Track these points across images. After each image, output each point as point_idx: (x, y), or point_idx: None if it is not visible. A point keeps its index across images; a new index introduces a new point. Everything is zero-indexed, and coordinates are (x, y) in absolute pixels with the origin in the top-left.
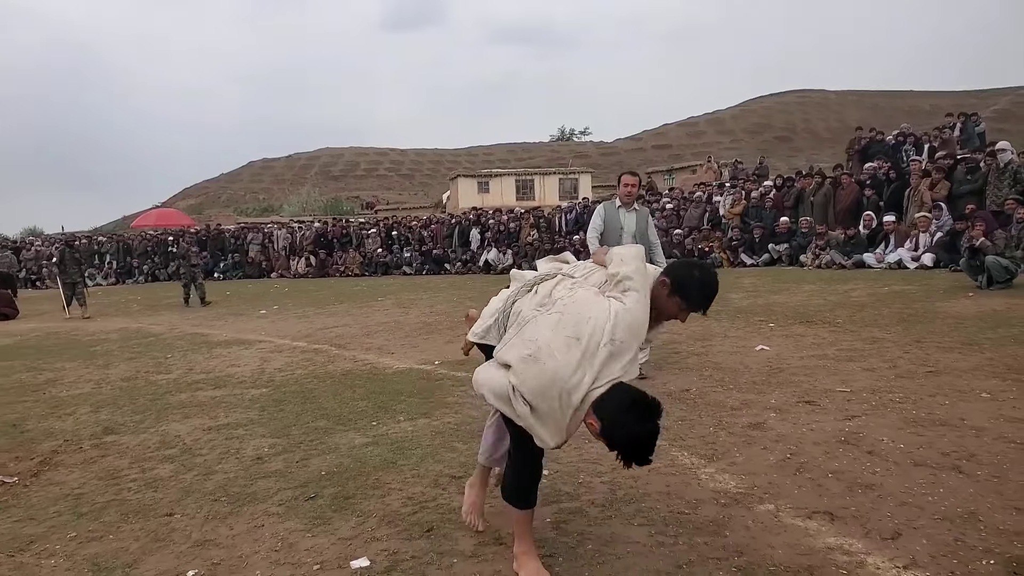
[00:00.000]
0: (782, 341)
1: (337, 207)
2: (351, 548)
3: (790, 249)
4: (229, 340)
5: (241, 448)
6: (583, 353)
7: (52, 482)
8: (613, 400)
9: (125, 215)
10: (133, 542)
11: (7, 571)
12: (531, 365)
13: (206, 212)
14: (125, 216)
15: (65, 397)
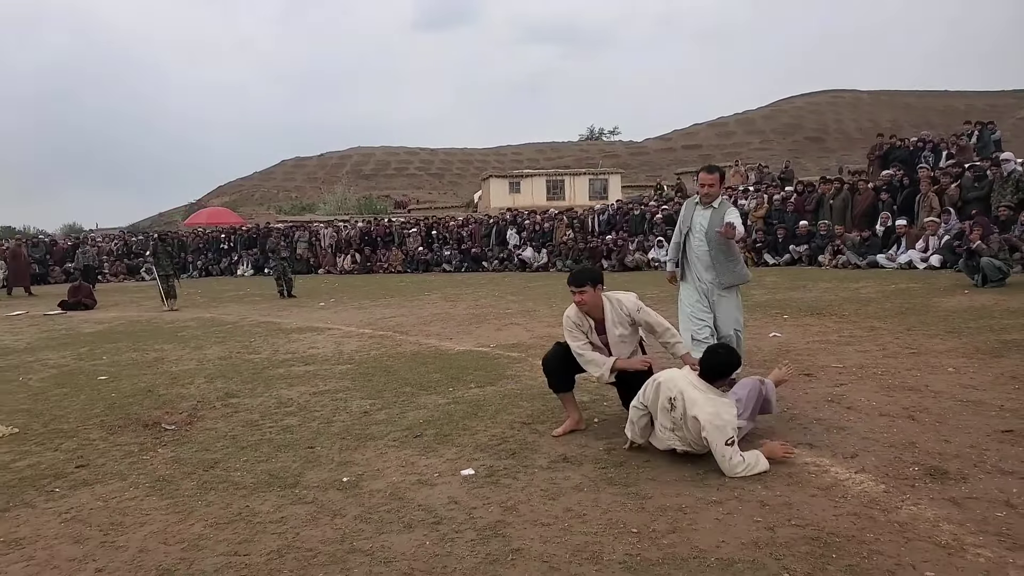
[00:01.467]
0: (792, 329)
1: (370, 206)
2: (457, 464)
3: (809, 250)
4: (301, 328)
5: (348, 406)
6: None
7: (206, 428)
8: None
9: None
10: (292, 463)
11: (208, 478)
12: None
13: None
14: (160, 213)
15: (178, 371)
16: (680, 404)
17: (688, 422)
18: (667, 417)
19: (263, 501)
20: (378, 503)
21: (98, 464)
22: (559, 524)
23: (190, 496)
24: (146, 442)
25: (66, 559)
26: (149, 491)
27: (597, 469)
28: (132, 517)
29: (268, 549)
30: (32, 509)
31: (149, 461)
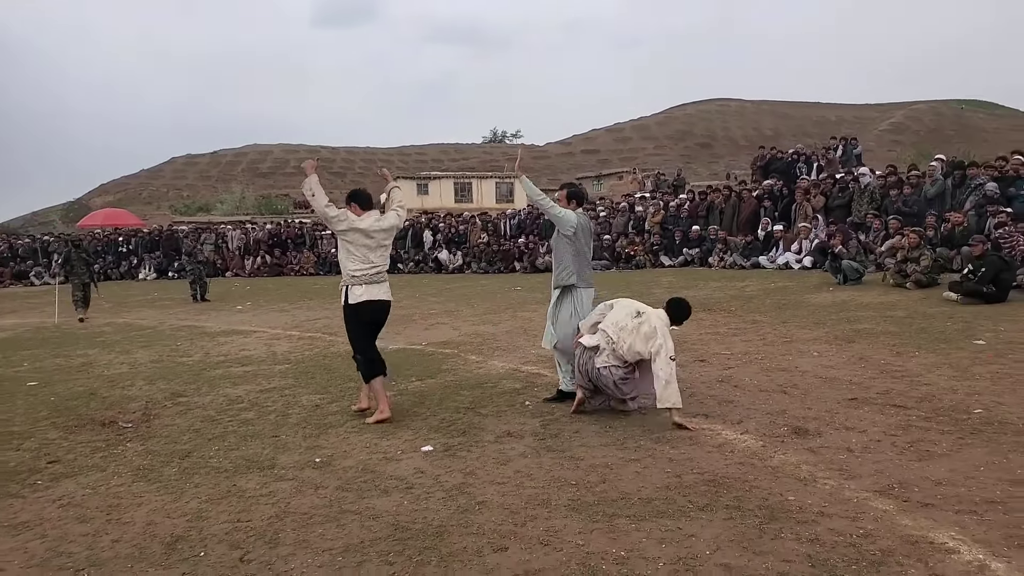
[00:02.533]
0: (687, 324)
1: (270, 206)
2: (415, 443)
3: (700, 252)
4: (226, 331)
5: (298, 401)
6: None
7: (165, 425)
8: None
9: (34, 211)
10: (263, 450)
11: (187, 465)
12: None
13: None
14: (34, 212)
15: (112, 375)
16: (645, 317)
17: (642, 328)
18: (623, 330)
19: (247, 480)
20: (353, 476)
21: (69, 459)
22: (512, 482)
23: (176, 480)
24: (110, 439)
25: (79, 535)
26: (133, 478)
27: (536, 440)
28: (126, 500)
29: (266, 515)
30: (23, 499)
31: (121, 454)
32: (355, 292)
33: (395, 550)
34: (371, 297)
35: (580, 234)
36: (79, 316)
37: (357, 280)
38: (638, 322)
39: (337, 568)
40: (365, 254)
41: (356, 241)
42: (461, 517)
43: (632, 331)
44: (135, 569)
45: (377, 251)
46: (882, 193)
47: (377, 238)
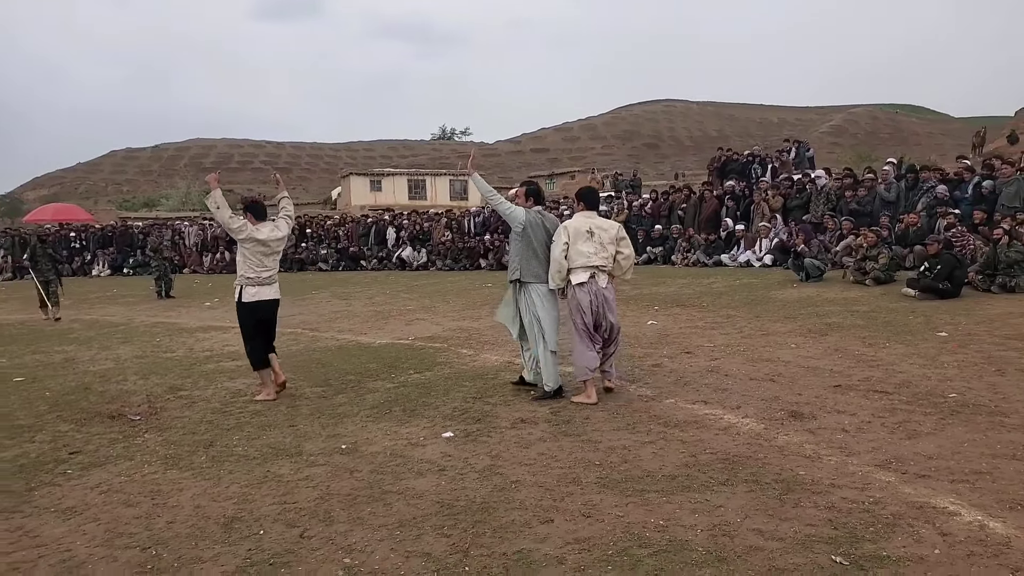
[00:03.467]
0: (665, 318)
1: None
2: (434, 430)
3: (664, 251)
4: (202, 327)
5: (303, 392)
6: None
7: (175, 417)
8: None
9: None
10: (285, 438)
11: (214, 453)
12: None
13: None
14: None
15: (100, 371)
16: (596, 230)
17: (603, 237)
18: (588, 244)
19: (279, 467)
20: (384, 461)
21: (90, 450)
22: (539, 463)
23: (208, 467)
24: (124, 431)
25: (131, 517)
26: (164, 466)
27: (551, 426)
28: (166, 486)
29: (311, 497)
30: (59, 487)
31: (143, 445)
32: (248, 292)
33: (447, 524)
34: (262, 297)
35: (529, 231)
36: (46, 316)
37: (251, 282)
38: (607, 236)
39: (398, 541)
40: (261, 260)
41: (253, 249)
42: (500, 495)
43: (610, 242)
44: (200, 547)
45: (271, 257)
46: (837, 194)
47: (272, 246)
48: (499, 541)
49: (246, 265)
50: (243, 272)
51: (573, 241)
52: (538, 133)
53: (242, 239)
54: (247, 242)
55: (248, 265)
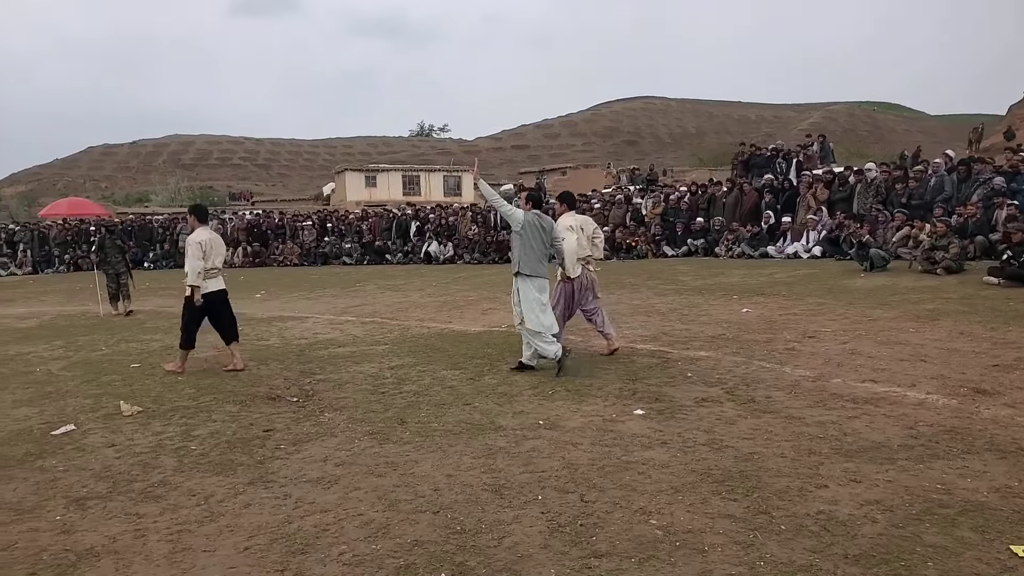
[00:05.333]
0: (754, 307)
1: (208, 197)
2: (617, 408)
3: (705, 243)
4: (273, 317)
5: (443, 376)
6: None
7: (337, 398)
8: None
9: None
10: (471, 415)
11: (414, 429)
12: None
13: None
14: None
15: (214, 356)
16: (583, 226)
17: (587, 231)
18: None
19: (493, 440)
20: (597, 435)
21: (281, 428)
22: (759, 438)
23: (421, 441)
24: (296, 411)
25: (392, 486)
26: (376, 441)
27: (738, 404)
28: (392, 458)
29: (555, 466)
30: (284, 460)
31: (331, 423)
32: (209, 284)
33: (725, 489)
34: (215, 288)
35: (527, 230)
36: (116, 310)
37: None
38: (588, 231)
39: (687, 505)
40: (213, 259)
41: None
42: (748, 464)
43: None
44: (487, 511)
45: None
46: (887, 187)
47: (217, 248)
48: (791, 504)
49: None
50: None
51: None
52: (519, 130)
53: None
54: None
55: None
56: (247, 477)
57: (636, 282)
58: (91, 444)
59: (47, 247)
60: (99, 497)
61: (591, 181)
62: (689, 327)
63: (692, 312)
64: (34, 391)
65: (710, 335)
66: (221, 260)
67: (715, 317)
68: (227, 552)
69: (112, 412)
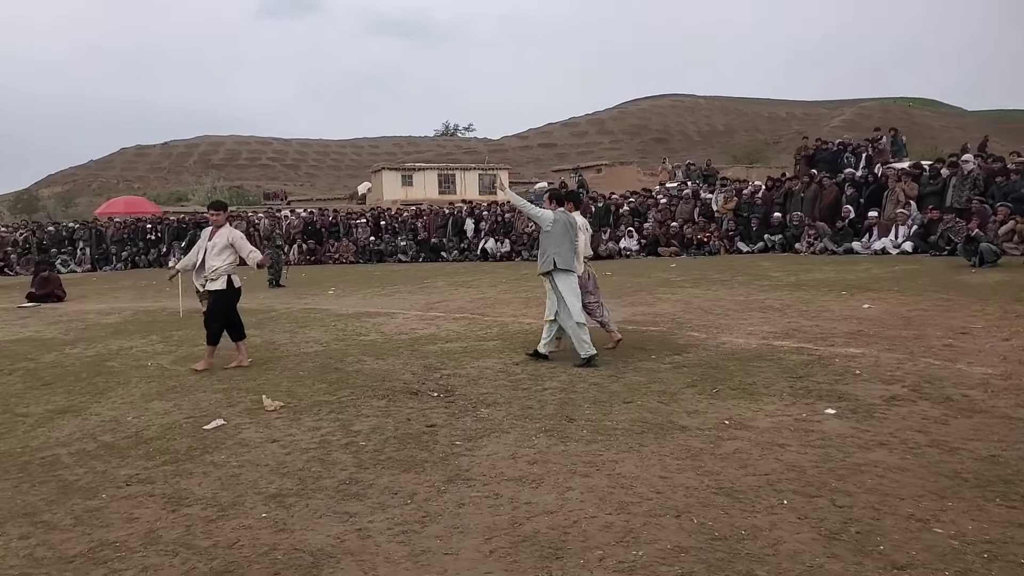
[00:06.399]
0: (872, 303)
1: (243, 197)
2: (803, 408)
3: (783, 239)
4: (360, 313)
5: (580, 373)
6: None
7: (480, 393)
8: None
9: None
10: (641, 414)
11: (587, 426)
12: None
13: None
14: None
15: (319, 351)
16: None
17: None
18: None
19: (685, 440)
20: (798, 435)
21: (442, 424)
22: (990, 438)
23: (607, 441)
24: (447, 406)
25: (607, 488)
26: (554, 439)
27: (935, 403)
28: (587, 457)
29: (777, 468)
30: (467, 457)
31: (492, 418)
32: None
33: (996, 495)
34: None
35: (558, 226)
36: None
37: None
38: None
39: (964, 512)
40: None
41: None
42: (1001, 468)
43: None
44: (731, 513)
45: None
46: (986, 180)
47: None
48: None
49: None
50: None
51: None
52: (545, 128)
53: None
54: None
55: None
56: (441, 475)
57: (723, 278)
58: (251, 439)
59: (104, 245)
60: (294, 494)
61: (626, 179)
62: (817, 323)
63: (810, 308)
64: (157, 385)
65: (846, 331)
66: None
67: (838, 313)
68: (471, 555)
69: (251, 407)
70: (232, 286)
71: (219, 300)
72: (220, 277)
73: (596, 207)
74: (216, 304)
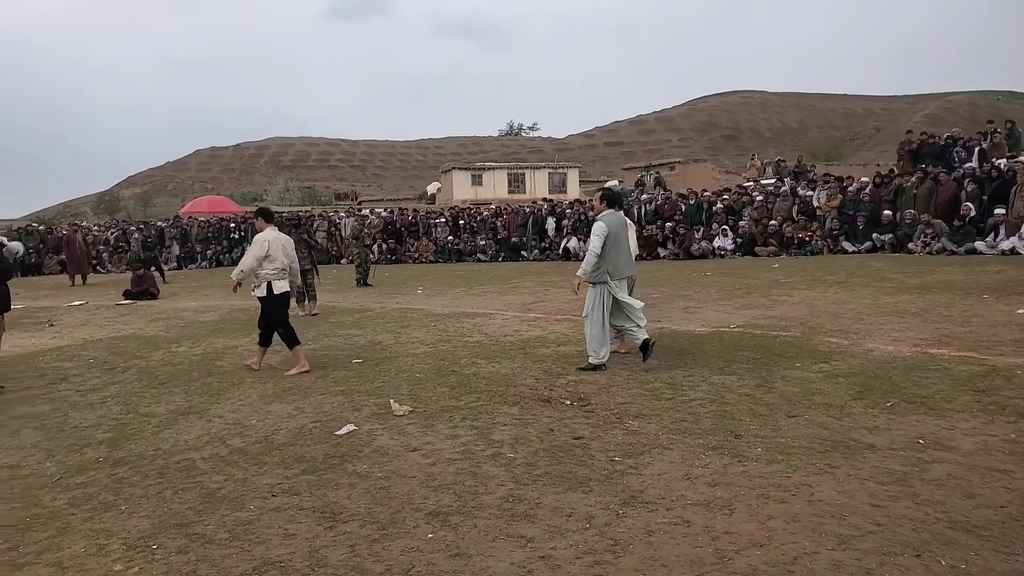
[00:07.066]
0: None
1: (315, 197)
2: (974, 426)
3: (894, 238)
4: (455, 314)
5: (721, 383)
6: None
7: (618, 404)
8: None
9: (66, 201)
10: (812, 430)
11: (758, 442)
12: None
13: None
14: (66, 203)
15: (429, 353)
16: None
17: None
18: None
19: (880, 461)
20: (1011, 460)
21: (590, 436)
22: None
23: (787, 459)
24: (588, 416)
25: (812, 515)
26: (728, 457)
27: None
28: (773, 479)
29: (1017, 497)
30: (637, 476)
31: (643, 431)
32: (277, 285)
33: None
34: (280, 290)
35: (612, 233)
36: (303, 311)
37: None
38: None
39: None
40: (281, 259)
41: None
42: None
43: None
44: (981, 554)
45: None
46: None
47: (284, 249)
48: None
49: (268, 262)
50: (267, 269)
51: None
52: (612, 126)
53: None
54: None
55: (270, 262)
56: (612, 495)
57: (837, 279)
58: (388, 447)
59: (189, 244)
60: (455, 512)
61: (701, 177)
62: (970, 329)
63: (953, 313)
64: (272, 386)
65: (1012, 339)
66: (287, 262)
67: (989, 318)
68: None
69: (377, 411)
70: (271, 292)
71: (261, 306)
72: (261, 283)
73: (687, 204)
74: (261, 309)
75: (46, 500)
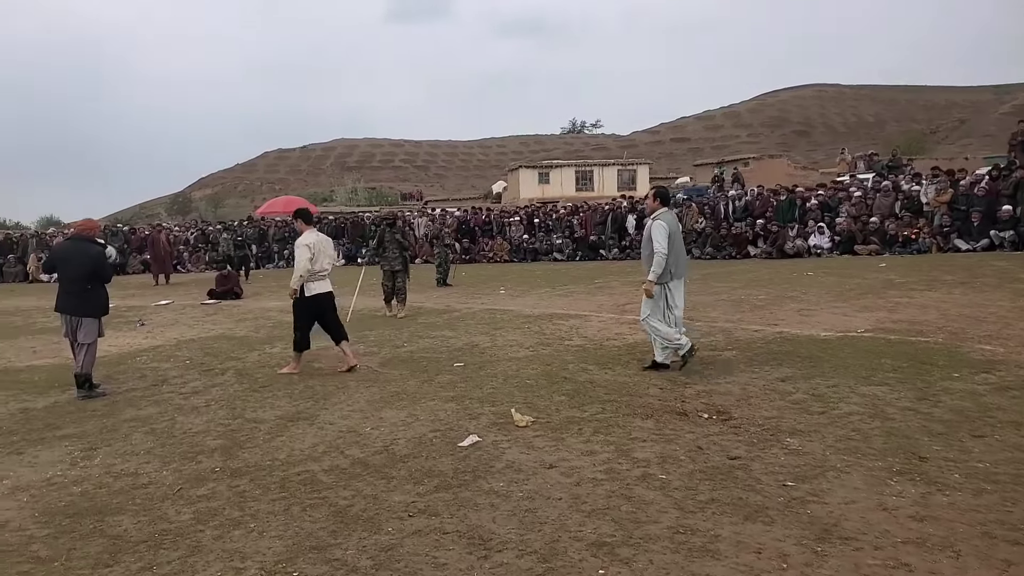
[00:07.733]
0: None
1: (382, 198)
2: None
3: (1015, 235)
4: (547, 315)
5: (872, 395)
6: None
7: (766, 418)
8: None
9: (142, 203)
10: (1011, 451)
11: (944, 464)
12: None
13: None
14: (142, 204)
15: (530, 357)
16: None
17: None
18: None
19: None
20: None
21: (747, 455)
22: None
23: (995, 487)
24: (735, 431)
25: None
26: (922, 484)
27: None
28: (987, 514)
29: None
30: (819, 504)
31: (805, 449)
32: (310, 287)
33: None
34: (322, 290)
35: (675, 234)
36: (390, 311)
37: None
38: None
39: None
40: (321, 261)
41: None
42: None
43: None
44: None
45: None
46: None
47: (325, 250)
48: None
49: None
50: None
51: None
52: (678, 122)
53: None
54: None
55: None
56: (799, 528)
57: (959, 279)
58: (521, 463)
59: (266, 243)
60: (621, 543)
61: (776, 173)
62: None
63: None
64: (379, 391)
65: None
66: (329, 263)
67: None
68: None
69: (496, 420)
70: (303, 294)
71: (294, 306)
72: (321, 280)
73: (779, 200)
74: (311, 308)
75: (171, 514)
